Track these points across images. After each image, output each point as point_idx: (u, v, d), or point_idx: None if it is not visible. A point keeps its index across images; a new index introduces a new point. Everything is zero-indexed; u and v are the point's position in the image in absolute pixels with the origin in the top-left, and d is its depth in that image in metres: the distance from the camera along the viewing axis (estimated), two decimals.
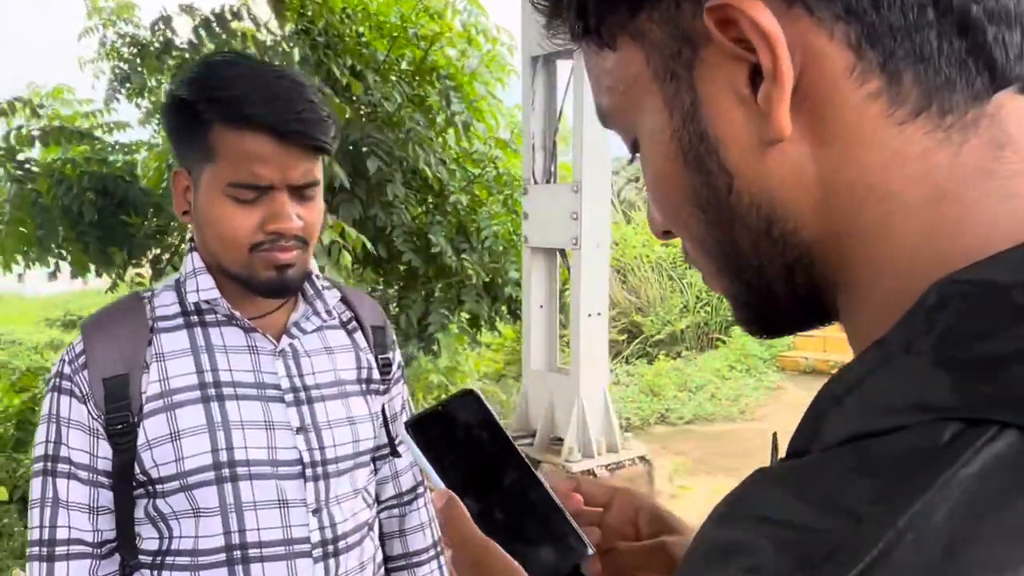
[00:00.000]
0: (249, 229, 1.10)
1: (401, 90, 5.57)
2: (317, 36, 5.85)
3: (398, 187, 5.80)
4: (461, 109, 5.55)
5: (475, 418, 0.67)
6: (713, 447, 6.03)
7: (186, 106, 1.10)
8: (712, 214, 0.43)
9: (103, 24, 6.38)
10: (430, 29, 5.64)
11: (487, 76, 6.21)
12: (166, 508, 1.11)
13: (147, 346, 1.14)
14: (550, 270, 4.73)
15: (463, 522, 0.57)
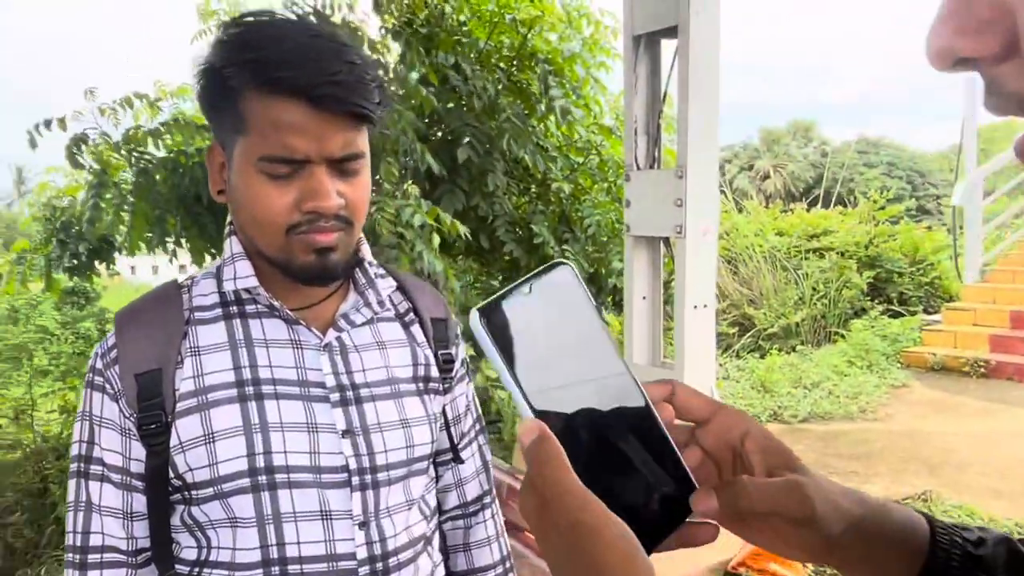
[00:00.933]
0: (284, 208, 0.98)
1: (500, 78, 5.48)
2: (420, 27, 5.83)
3: (499, 177, 5.71)
4: (559, 94, 5.40)
5: (565, 307, 0.52)
6: (828, 448, 5.67)
7: (214, 72, 0.99)
8: None
9: (216, 27, 6.55)
10: (528, 13, 5.51)
11: (590, 61, 6.04)
12: (202, 516, 1.01)
13: (182, 339, 1.04)
14: (653, 260, 4.53)
15: (561, 469, 0.46)
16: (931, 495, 4.63)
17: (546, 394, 0.49)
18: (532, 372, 0.49)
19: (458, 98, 5.68)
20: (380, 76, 1.02)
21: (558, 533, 0.45)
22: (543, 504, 0.46)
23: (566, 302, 0.52)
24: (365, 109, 0.98)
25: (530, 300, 0.51)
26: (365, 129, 1.03)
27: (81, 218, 4.83)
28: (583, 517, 0.45)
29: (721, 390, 6.87)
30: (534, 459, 0.47)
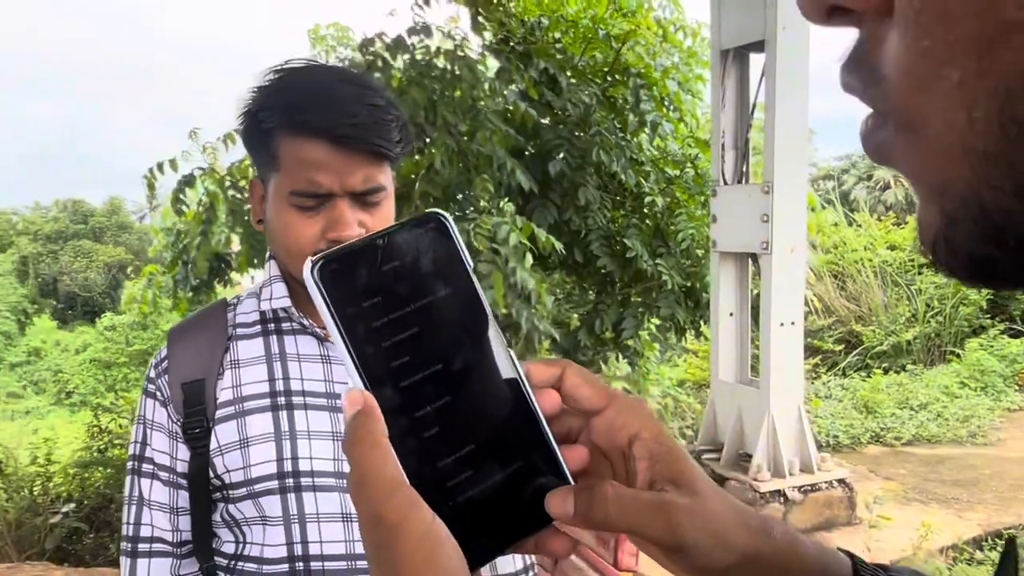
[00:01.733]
0: (311, 237, 1.09)
1: (593, 92, 5.52)
2: (516, 45, 5.95)
3: (591, 191, 5.75)
4: (651, 108, 5.40)
5: (431, 266, 0.44)
6: (932, 473, 5.44)
7: (252, 115, 1.11)
8: None
9: (325, 51, 6.86)
10: (621, 28, 5.54)
11: (687, 73, 6.02)
12: (238, 514, 1.12)
13: (224, 352, 1.15)
14: (740, 276, 4.48)
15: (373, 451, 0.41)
16: None
17: (388, 363, 0.42)
18: (373, 336, 0.42)
19: (552, 113, 5.76)
20: (400, 116, 1.11)
21: (362, 523, 0.41)
22: (354, 491, 0.41)
23: (433, 260, 0.44)
24: (383, 147, 1.08)
25: (385, 253, 0.43)
26: (386, 165, 1.12)
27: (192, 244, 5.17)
28: (384, 509, 0.40)
29: (819, 409, 6.68)
30: (349, 437, 0.41)
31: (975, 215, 0.31)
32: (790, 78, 3.86)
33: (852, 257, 10.72)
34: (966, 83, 0.29)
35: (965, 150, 0.30)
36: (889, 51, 0.31)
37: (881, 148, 0.34)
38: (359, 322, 0.42)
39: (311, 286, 0.42)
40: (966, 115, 0.29)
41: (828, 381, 8.27)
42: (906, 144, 0.32)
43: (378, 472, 0.40)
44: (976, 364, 8.07)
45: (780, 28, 3.78)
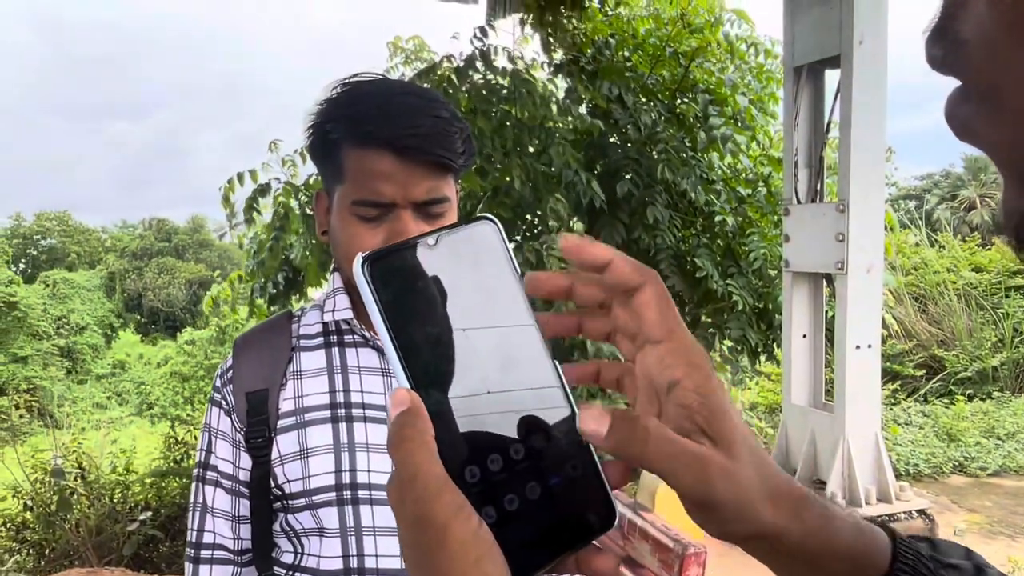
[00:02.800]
0: (372, 247, 1.09)
1: (659, 110, 5.48)
2: (585, 64, 5.96)
3: (659, 209, 5.70)
4: (720, 123, 5.33)
5: (479, 270, 0.44)
6: (1020, 505, 5.17)
7: (319, 127, 1.12)
8: None
9: (403, 63, 7.00)
10: (689, 45, 5.49)
11: (758, 91, 5.93)
12: (296, 524, 1.12)
13: (287, 364, 1.16)
14: (814, 297, 4.36)
15: (421, 450, 0.39)
16: None
17: (434, 366, 0.41)
18: (421, 338, 0.41)
19: (620, 130, 5.74)
20: (464, 128, 1.11)
21: (406, 527, 0.39)
22: (398, 491, 0.40)
23: (482, 264, 0.44)
24: (446, 158, 1.08)
25: (435, 255, 0.43)
26: (450, 177, 1.12)
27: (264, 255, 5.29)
28: (432, 510, 0.38)
29: (898, 436, 6.43)
30: (396, 435, 0.40)
31: None
32: (867, 93, 3.75)
33: (934, 279, 10.35)
34: None
35: None
36: (972, 15, 0.30)
37: (965, 122, 0.32)
38: (407, 320, 0.42)
39: (360, 281, 0.42)
40: None
41: (908, 407, 7.96)
42: (989, 116, 0.31)
43: (427, 470, 0.39)
44: None
45: (857, 42, 3.69)
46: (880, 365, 4.17)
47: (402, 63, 6.90)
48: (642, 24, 5.86)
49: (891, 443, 6.06)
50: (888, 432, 5.97)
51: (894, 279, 8.84)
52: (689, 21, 5.47)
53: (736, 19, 5.43)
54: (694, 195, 5.61)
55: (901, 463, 5.84)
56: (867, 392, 4.04)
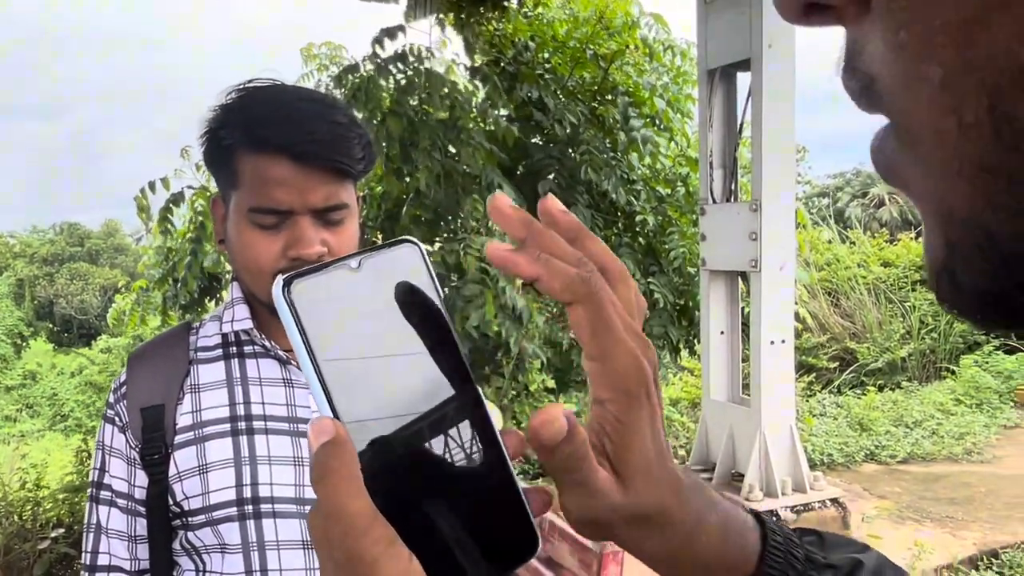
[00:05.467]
0: (272, 256, 1.07)
1: (581, 111, 5.54)
2: (507, 66, 5.98)
3: (582, 210, 5.75)
4: (639, 124, 5.42)
5: (407, 292, 0.42)
6: (928, 491, 5.40)
7: (213, 134, 1.10)
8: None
9: (317, 70, 6.88)
10: (609, 48, 5.57)
11: (676, 93, 6.04)
12: (197, 541, 1.10)
13: (184, 377, 1.13)
14: (730, 294, 4.47)
15: (347, 483, 0.37)
16: None
17: (355, 393, 0.40)
18: (342, 364, 0.40)
19: (541, 132, 5.78)
20: (363, 134, 1.10)
21: (333, 564, 0.37)
22: (323, 526, 0.37)
23: (404, 288, 0.43)
24: (345, 164, 1.07)
25: (357, 278, 0.41)
26: (349, 183, 1.11)
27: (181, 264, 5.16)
28: (360, 546, 0.36)
29: (813, 427, 6.65)
30: (318, 467, 0.37)
31: (980, 243, 0.26)
32: (776, 96, 3.86)
33: (846, 275, 10.74)
34: (949, 81, 0.25)
35: (961, 163, 0.25)
36: (873, 49, 0.27)
37: (889, 162, 0.30)
38: (328, 345, 0.40)
39: (280, 304, 0.40)
40: (955, 120, 0.25)
41: (823, 399, 8.24)
42: (907, 158, 0.28)
43: (353, 506, 0.37)
44: (971, 381, 8.06)
45: (766, 46, 3.80)
46: (794, 359, 4.30)
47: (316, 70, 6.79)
48: (561, 26, 5.92)
49: (807, 434, 6.25)
50: (803, 423, 6.16)
51: (808, 275, 9.14)
52: (608, 24, 5.54)
53: (653, 23, 5.53)
54: (615, 195, 5.68)
55: (816, 453, 6.03)
56: (782, 386, 4.16)
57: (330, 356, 0.40)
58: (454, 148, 5.11)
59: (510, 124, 5.54)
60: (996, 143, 0.24)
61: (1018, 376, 8.26)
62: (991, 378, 8.13)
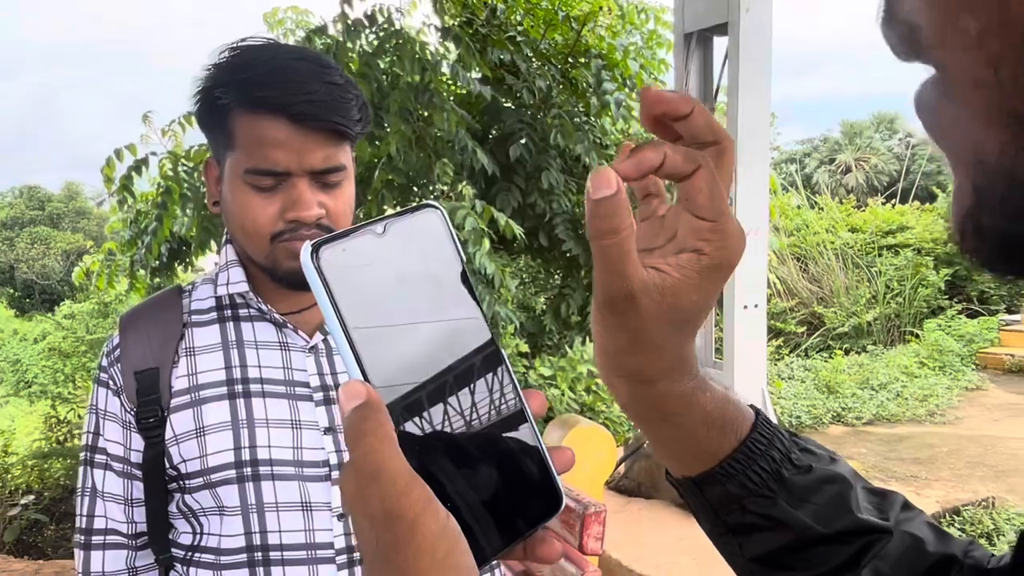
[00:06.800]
0: (269, 218, 1.06)
1: (553, 74, 5.50)
2: (480, 27, 5.90)
3: (555, 174, 5.73)
4: (612, 88, 5.39)
5: (427, 258, 0.43)
6: (891, 452, 5.53)
7: (207, 93, 1.07)
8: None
9: (283, 36, 6.75)
10: (582, 9, 5.52)
11: (649, 57, 6.01)
12: (195, 504, 1.09)
13: (179, 340, 1.12)
14: None
15: (384, 444, 0.38)
16: (995, 502, 4.48)
17: (384, 357, 0.41)
18: (370, 328, 0.41)
19: (514, 96, 5.73)
20: (359, 95, 1.08)
21: (370, 523, 0.37)
22: (359, 486, 0.38)
23: (429, 252, 0.43)
24: (343, 125, 1.05)
25: (383, 243, 0.42)
26: (346, 144, 1.10)
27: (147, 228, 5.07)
28: (400, 506, 0.37)
29: (782, 390, 6.76)
30: (353, 429, 0.38)
31: (1005, 188, 0.28)
32: (753, 60, 3.86)
33: (814, 240, 10.85)
34: (987, 34, 0.26)
35: (997, 112, 0.26)
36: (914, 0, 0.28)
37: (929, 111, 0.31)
38: (357, 310, 0.41)
39: (309, 270, 0.40)
40: (993, 71, 0.26)
41: (791, 363, 8.37)
42: (945, 106, 0.29)
43: (392, 466, 0.38)
44: (934, 344, 8.22)
45: (744, 10, 3.78)
46: (766, 323, 4.35)
47: (282, 35, 6.66)
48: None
49: (776, 397, 6.36)
50: (773, 386, 6.26)
51: (777, 241, 9.23)
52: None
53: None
54: (588, 160, 5.67)
55: (785, 415, 6.14)
56: (754, 349, 4.21)
57: (359, 320, 0.41)
58: (426, 112, 5.05)
59: (482, 87, 5.49)
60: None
61: (979, 340, 8.44)
62: (954, 342, 8.30)
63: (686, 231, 0.45)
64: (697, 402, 0.51)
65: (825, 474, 0.55)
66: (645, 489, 4.22)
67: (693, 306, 0.45)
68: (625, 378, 0.50)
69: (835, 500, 0.54)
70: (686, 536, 3.75)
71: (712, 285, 0.45)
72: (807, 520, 0.53)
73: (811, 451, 0.56)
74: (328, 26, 4.94)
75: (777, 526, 0.53)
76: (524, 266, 7.17)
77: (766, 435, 0.54)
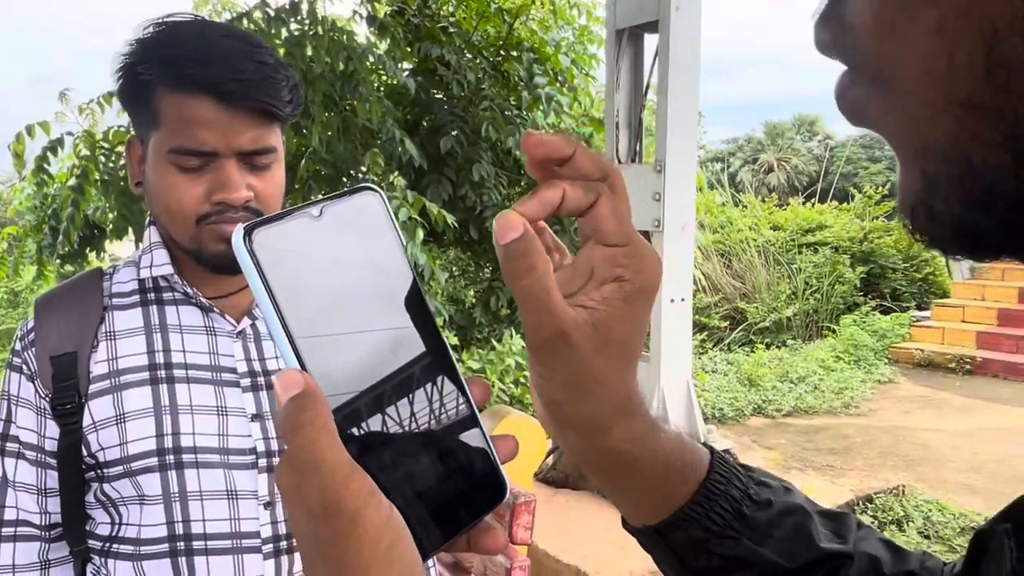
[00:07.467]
0: (195, 199, 1.03)
1: (484, 67, 5.49)
2: (412, 17, 5.84)
3: (485, 167, 5.73)
4: (544, 82, 5.41)
5: (365, 241, 0.41)
6: (809, 442, 5.71)
7: (130, 69, 1.03)
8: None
9: (210, 15, 6.56)
10: (513, 2, 5.53)
11: (582, 53, 6.06)
12: (114, 493, 1.05)
13: (99, 324, 1.08)
14: None
15: (323, 435, 0.36)
16: (905, 489, 4.67)
17: (321, 344, 0.39)
18: (306, 315, 0.39)
19: (445, 87, 5.70)
20: (291, 76, 1.06)
21: (308, 516, 0.36)
22: (296, 479, 0.36)
23: (368, 236, 0.42)
24: (273, 106, 1.02)
25: (319, 226, 0.40)
26: (276, 126, 1.07)
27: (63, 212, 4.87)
28: (340, 498, 0.35)
29: (706, 383, 6.91)
30: (290, 419, 0.36)
31: (960, 174, 0.28)
32: (683, 59, 3.92)
33: (738, 237, 11.11)
34: (946, 24, 0.26)
35: (948, 101, 0.27)
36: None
37: (856, 106, 0.32)
38: (292, 296, 0.39)
39: (241, 254, 0.38)
40: (946, 61, 0.27)
41: (714, 356, 8.56)
42: (881, 99, 0.30)
43: (331, 456, 0.36)
44: (850, 339, 8.51)
45: (674, 9, 3.84)
46: (691, 317, 4.43)
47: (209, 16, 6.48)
48: None
49: (700, 389, 6.49)
50: (697, 380, 6.39)
51: (703, 237, 9.42)
52: None
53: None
54: (519, 153, 5.68)
55: (708, 408, 6.28)
56: (680, 343, 4.29)
57: (294, 307, 0.39)
58: (354, 102, 4.98)
59: (413, 78, 5.44)
60: (987, 83, 0.26)
61: (892, 335, 8.78)
62: (868, 337, 8.61)
63: (601, 263, 0.45)
64: (655, 444, 0.50)
65: (784, 507, 0.55)
66: (572, 480, 4.26)
67: (627, 336, 0.45)
68: (579, 430, 0.49)
69: (797, 532, 0.54)
70: (612, 527, 3.80)
71: (640, 310, 0.45)
72: (772, 556, 0.53)
73: (767, 483, 0.56)
74: (252, 13, 4.82)
75: (743, 566, 0.53)
76: (454, 259, 7.15)
77: (724, 474, 0.54)
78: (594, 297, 0.44)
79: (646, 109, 4.58)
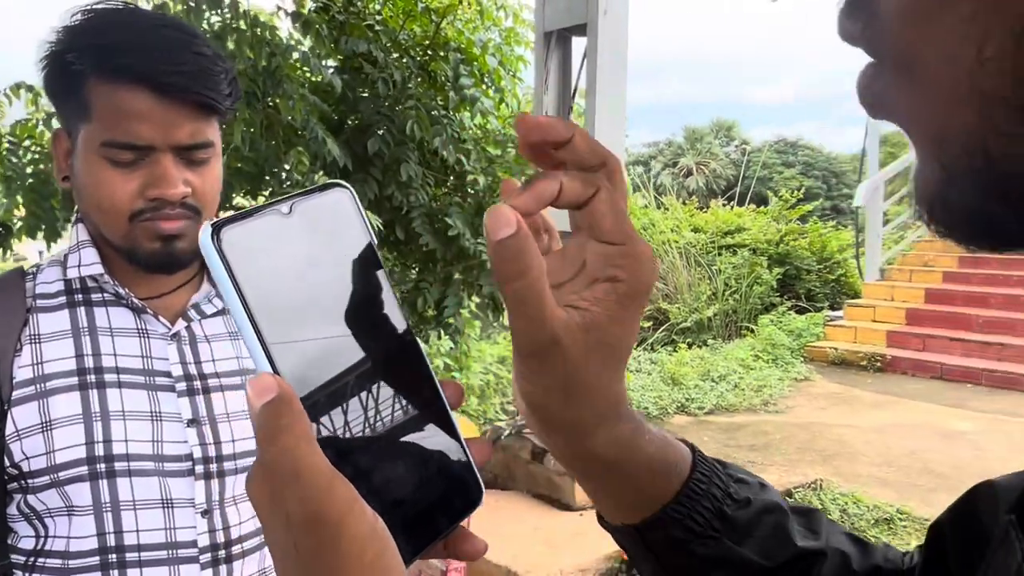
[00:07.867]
0: (128, 195, 0.98)
1: (409, 67, 5.45)
2: (337, 14, 5.75)
3: (412, 167, 5.68)
4: (470, 83, 5.41)
5: (336, 239, 0.40)
6: (730, 439, 5.86)
7: (58, 58, 0.98)
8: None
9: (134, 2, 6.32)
10: (440, 1, 5.51)
11: (508, 54, 6.06)
12: (39, 505, 1.00)
13: (22, 326, 1.02)
14: None
15: (302, 441, 0.34)
16: (822, 483, 4.82)
17: (293, 346, 0.38)
18: (278, 315, 0.37)
19: (371, 85, 5.64)
20: (229, 69, 1.03)
21: (287, 528, 0.34)
22: (274, 489, 0.35)
23: (337, 233, 0.40)
24: (212, 99, 0.99)
25: (289, 224, 0.39)
26: (215, 120, 1.03)
27: None
28: (323, 507, 0.34)
29: (631, 382, 7.01)
30: (266, 427, 0.34)
31: (978, 166, 0.28)
32: (610, 61, 3.97)
33: (660, 239, 11.31)
34: (979, 16, 0.27)
35: (971, 92, 0.27)
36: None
37: (879, 97, 0.32)
38: (263, 296, 0.37)
39: (209, 254, 0.36)
40: (975, 52, 0.27)
41: (639, 356, 8.69)
42: (905, 89, 0.30)
43: (312, 464, 0.34)
44: (768, 338, 8.75)
45: (602, 12, 3.88)
46: None
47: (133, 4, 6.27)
48: None
49: None
50: None
51: None
52: None
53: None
54: (445, 154, 5.65)
55: (634, 406, 6.36)
56: None
57: (266, 308, 0.37)
58: (276, 99, 4.88)
59: (339, 76, 5.36)
60: (1013, 77, 0.26)
61: (807, 334, 9.07)
62: (785, 336, 8.87)
63: (595, 260, 0.43)
64: (639, 447, 0.49)
65: (763, 505, 0.54)
66: (502, 480, 4.27)
67: (617, 339, 0.44)
68: (564, 434, 0.47)
69: (776, 531, 0.54)
70: (541, 526, 3.82)
71: (633, 313, 0.44)
72: (752, 556, 0.53)
73: (744, 480, 0.56)
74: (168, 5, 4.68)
75: (723, 566, 0.53)
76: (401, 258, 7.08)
77: (706, 472, 0.53)
78: (586, 297, 0.43)
79: (573, 111, 4.62)
